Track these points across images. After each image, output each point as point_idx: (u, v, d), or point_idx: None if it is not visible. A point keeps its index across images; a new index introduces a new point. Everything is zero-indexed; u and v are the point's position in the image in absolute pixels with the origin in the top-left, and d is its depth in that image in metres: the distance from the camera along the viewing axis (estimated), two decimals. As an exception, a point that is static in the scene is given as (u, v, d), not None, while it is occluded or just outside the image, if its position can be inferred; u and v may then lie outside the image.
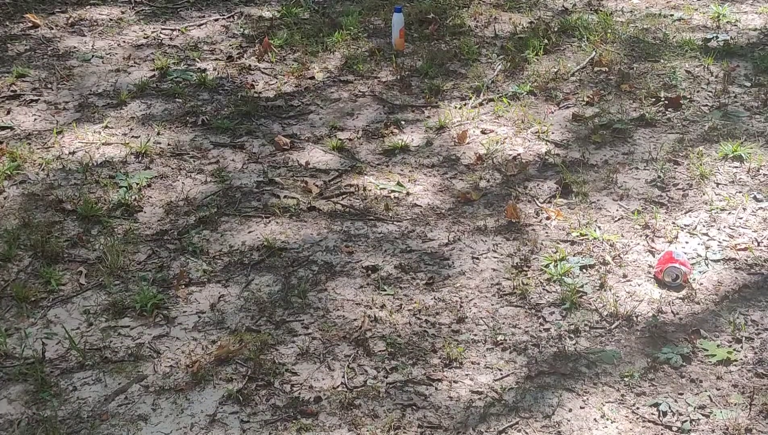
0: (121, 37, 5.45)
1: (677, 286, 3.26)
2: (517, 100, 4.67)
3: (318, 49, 5.25)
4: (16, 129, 4.39)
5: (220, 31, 5.58)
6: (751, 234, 3.58)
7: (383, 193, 3.88)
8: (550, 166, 4.07)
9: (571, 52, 5.19)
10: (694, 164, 4.04)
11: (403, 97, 4.74)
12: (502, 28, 5.53)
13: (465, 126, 4.42)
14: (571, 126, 4.43)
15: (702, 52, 5.13)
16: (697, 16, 5.68)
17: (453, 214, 3.73)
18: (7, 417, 2.70)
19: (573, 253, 3.45)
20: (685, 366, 2.90)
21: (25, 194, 3.84)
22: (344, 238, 3.57)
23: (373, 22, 5.65)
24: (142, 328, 3.08)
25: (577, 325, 3.09)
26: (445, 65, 5.06)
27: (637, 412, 2.72)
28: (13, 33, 5.48)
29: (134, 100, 4.67)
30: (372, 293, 3.25)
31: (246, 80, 4.92)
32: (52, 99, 4.69)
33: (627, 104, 4.61)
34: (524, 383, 2.83)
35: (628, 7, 5.85)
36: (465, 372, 2.88)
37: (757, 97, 4.67)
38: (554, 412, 2.72)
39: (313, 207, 3.77)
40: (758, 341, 3.01)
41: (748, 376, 2.86)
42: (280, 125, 4.47)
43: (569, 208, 3.75)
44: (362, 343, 2.99)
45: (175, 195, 3.86)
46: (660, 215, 3.69)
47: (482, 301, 3.21)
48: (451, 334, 3.05)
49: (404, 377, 2.86)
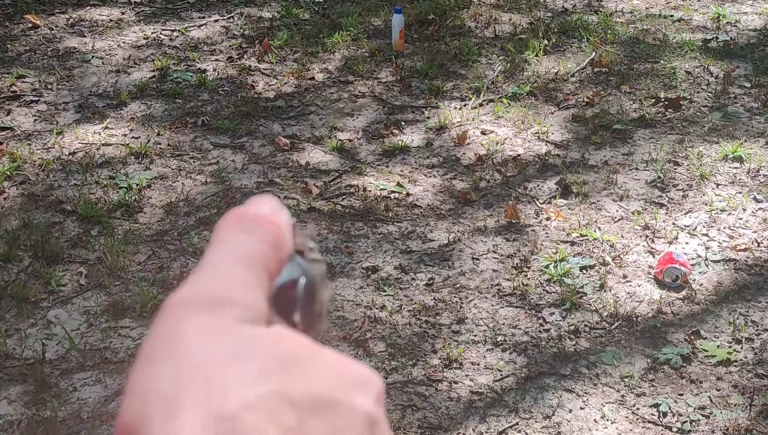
0: (121, 37, 5.45)
1: (677, 287, 3.26)
2: (517, 100, 4.67)
3: (318, 49, 5.25)
4: (16, 129, 4.39)
5: (220, 31, 5.58)
6: (751, 234, 3.58)
7: (383, 193, 3.88)
8: (550, 166, 4.07)
9: (571, 52, 5.19)
10: (694, 165, 4.04)
11: (403, 98, 4.74)
12: (502, 28, 5.53)
13: (465, 127, 4.42)
14: (571, 127, 4.43)
15: (702, 53, 5.13)
16: (697, 17, 5.69)
17: (453, 215, 3.73)
18: (7, 417, 2.70)
19: (573, 254, 3.45)
20: (685, 367, 2.90)
21: (25, 195, 3.84)
22: (344, 239, 3.57)
23: (373, 22, 5.65)
24: (142, 329, 3.08)
25: (577, 325, 3.09)
26: (445, 66, 5.06)
27: (637, 413, 2.72)
28: (13, 34, 5.48)
29: (134, 101, 4.67)
30: (372, 294, 3.25)
31: (246, 81, 4.92)
32: (52, 99, 4.69)
33: (627, 105, 4.61)
34: (524, 384, 2.83)
35: (628, 8, 5.85)
36: (465, 372, 2.88)
37: (757, 97, 4.67)
38: (554, 413, 2.72)
39: (313, 207, 3.77)
40: (758, 342, 3.01)
41: (748, 376, 2.86)
42: (280, 126, 4.47)
43: (569, 208, 3.76)
44: (362, 344, 2.99)
45: (175, 196, 3.86)
46: (660, 216, 3.69)
47: (482, 302, 3.21)
48: (451, 334, 3.05)
49: (404, 378, 2.86)
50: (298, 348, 0.37)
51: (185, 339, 0.36)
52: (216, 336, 0.36)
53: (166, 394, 0.34)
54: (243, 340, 0.36)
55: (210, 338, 0.36)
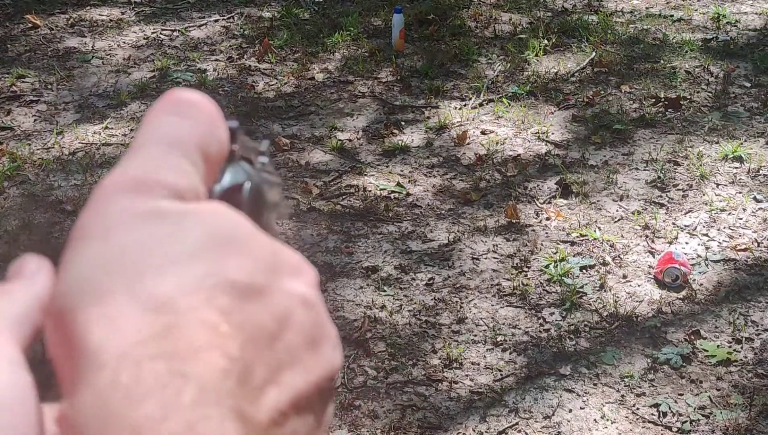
0: (121, 37, 5.45)
1: (677, 287, 3.26)
2: (517, 100, 4.67)
3: (318, 49, 5.25)
4: (17, 129, 4.40)
5: (220, 31, 5.58)
6: (751, 234, 3.58)
7: (383, 193, 3.88)
8: (550, 166, 4.07)
9: (571, 52, 5.19)
10: (694, 165, 4.04)
11: (403, 98, 4.74)
12: (502, 28, 5.53)
13: (465, 126, 4.42)
14: (571, 126, 4.43)
15: (702, 53, 5.13)
16: (697, 17, 5.68)
17: (453, 215, 3.73)
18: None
19: (573, 254, 3.45)
20: (685, 366, 2.90)
21: (25, 195, 3.84)
22: (344, 239, 3.57)
23: (373, 22, 5.65)
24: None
25: (577, 325, 3.09)
26: (445, 66, 5.06)
27: (637, 413, 2.72)
28: (14, 34, 5.48)
29: (134, 101, 4.67)
30: (372, 294, 3.25)
31: (246, 81, 4.92)
32: (52, 100, 4.69)
33: (627, 105, 4.61)
34: (524, 384, 2.83)
35: (628, 8, 5.85)
36: (465, 372, 2.88)
37: (757, 97, 4.67)
38: (554, 413, 2.72)
39: (313, 208, 3.77)
40: (758, 342, 3.01)
41: (748, 376, 2.86)
42: (280, 126, 4.47)
43: (569, 208, 3.76)
44: (362, 344, 2.99)
45: (175, 195, 3.86)
46: (660, 216, 3.69)
47: (482, 302, 3.21)
48: (451, 334, 3.05)
49: (404, 378, 2.86)
50: (233, 227, 0.35)
51: (113, 223, 0.34)
52: (146, 218, 0.34)
53: (96, 280, 0.33)
54: (175, 220, 0.34)
55: (140, 221, 0.34)
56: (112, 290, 0.32)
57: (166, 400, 0.31)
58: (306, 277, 0.37)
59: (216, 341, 0.32)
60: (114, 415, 0.30)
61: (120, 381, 0.31)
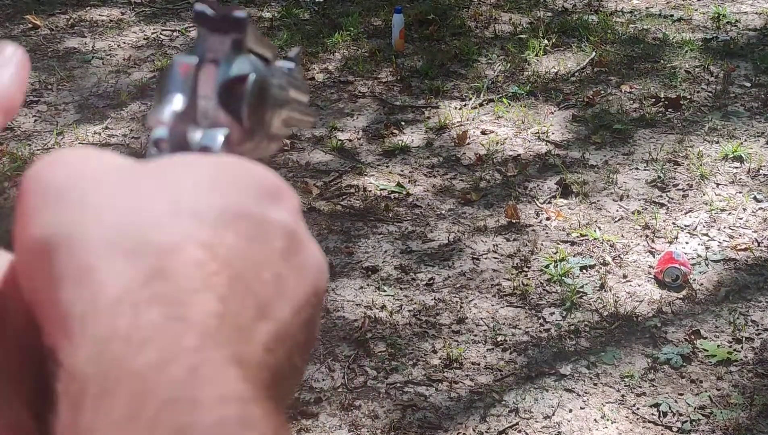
0: (121, 38, 5.45)
1: (677, 287, 3.26)
2: (517, 100, 4.67)
3: (318, 49, 5.25)
4: (17, 130, 4.40)
5: (220, 31, 5.58)
6: (751, 234, 3.58)
7: (383, 193, 3.88)
8: (550, 166, 4.07)
9: (571, 52, 5.19)
10: (694, 164, 4.04)
11: (403, 98, 4.74)
12: (502, 28, 5.53)
13: (465, 126, 4.42)
14: (571, 126, 4.43)
15: (702, 53, 5.13)
16: (697, 17, 5.68)
17: (453, 215, 3.73)
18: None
19: (573, 254, 3.45)
20: (685, 366, 2.90)
21: (25, 195, 3.84)
22: (344, 239, 3.57)
23: (373, 22, 5.65)
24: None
25: (577, 325, 3.09)
26: (445, 66, 5.06)
27: (637, 413, 2.72)
28: (13, 34, 5.48)
29: (134, 101, 4.67)
30: (372, 294, 3.25)
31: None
32: (53, 100, 4.69)
33: (627, 105, 4.61)
34: (524, 384, 2.84)
35: (628, 8, 5.85)
36: (465, 372, 2.88)
37: (757, 97, 4.67)
38: (554, 413, 2.72)
39: (313, 208, 3.77)
40: (758, 341, 3.01)
41: (748, 376, 2.86)
42: (280, 126, 4.47)
43: (569, 208, 3.76)
44: (362, 344, 2.99)
45: (175, 196, 3.86)
46: (660, 216, 3.69)
47: (482, 302, 3.21)
48: (451, 334, 3.05)
49: (404, 378, 2.86)
50: (204, 165, 0.35)
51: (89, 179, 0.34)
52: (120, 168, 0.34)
53: (75, 229, 0.32)
54: (140, 165, 0.34)
55: (113, 171, 0.34)
56: (93, 238, 0.32)
57: (167, 346, 0.30)
58: (287, 202, 0.37)
59: (207, 281, 0.32)
60: (115, 363, 0.30)
61: (118, 328, 0.30)
